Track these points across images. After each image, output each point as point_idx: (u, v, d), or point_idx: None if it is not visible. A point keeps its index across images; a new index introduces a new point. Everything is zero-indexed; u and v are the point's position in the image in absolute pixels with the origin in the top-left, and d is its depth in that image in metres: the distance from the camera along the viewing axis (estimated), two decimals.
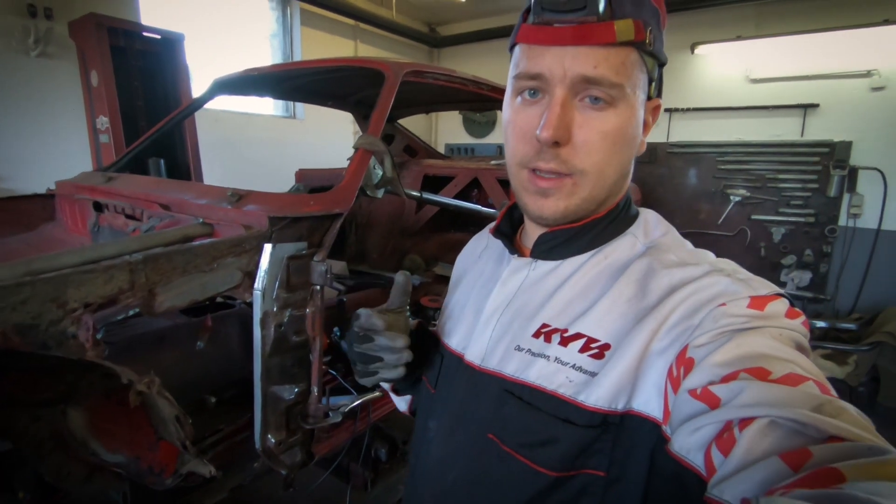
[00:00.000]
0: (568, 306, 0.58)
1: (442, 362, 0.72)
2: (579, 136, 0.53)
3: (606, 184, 0.57)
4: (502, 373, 0.60)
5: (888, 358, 2.91)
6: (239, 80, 2.18)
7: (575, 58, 0.51)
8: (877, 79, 3.81)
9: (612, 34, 0.51)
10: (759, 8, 4.15)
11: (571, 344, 0.55)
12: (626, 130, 0.55)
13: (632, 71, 0.53)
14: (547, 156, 0.54)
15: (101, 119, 2.65)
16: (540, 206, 0.58)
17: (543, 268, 0.63)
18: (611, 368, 0.51)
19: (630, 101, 0.54)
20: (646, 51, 0.54)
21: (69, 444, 1.20)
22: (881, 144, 3.83)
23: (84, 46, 2.67)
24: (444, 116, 6.34)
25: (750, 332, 0.44)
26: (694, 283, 0.51)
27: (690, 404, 0.42)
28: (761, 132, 4.26)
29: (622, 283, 0.56)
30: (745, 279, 0.50)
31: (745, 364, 0.41)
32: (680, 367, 0.46)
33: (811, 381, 0.39)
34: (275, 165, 4.33)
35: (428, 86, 1.89)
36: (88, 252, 1.01)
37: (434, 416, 0.70)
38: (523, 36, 0.56)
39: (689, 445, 0.41)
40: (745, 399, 0.38)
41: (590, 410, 0.52)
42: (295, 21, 4.64)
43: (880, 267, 3.91)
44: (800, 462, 0.32)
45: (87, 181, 1.77)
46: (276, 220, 1.19)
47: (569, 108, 0.53)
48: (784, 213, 4.11)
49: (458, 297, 0.77)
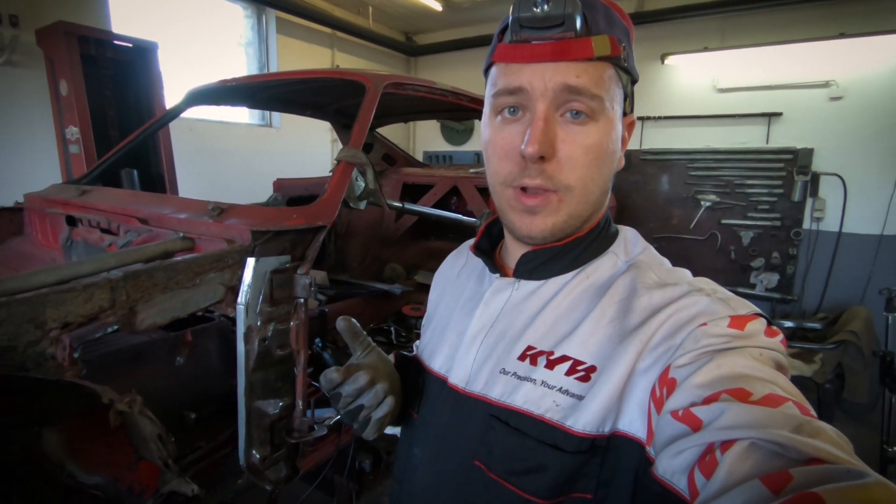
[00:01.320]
0: (553, 328, 0.58)
1: (424, 385, 0.70)
2: (563, 151, 0.54)
3: (591, 199, 0.57)
4: (488, 397, 0.58)
5: (852, 356, 3.04)
6: (215, 91, 2.15)
7: (556, 71, 0.52)
8: (835, 89, 4.00)
9: (589, 49, 0.52)
10: (723, 21, 4.32)
11: (558, 367, 0.54)
12: (607, 145, 0.55)
13: (609, 85, 0.54)
14: (532, 172, 0.54)
15: (71, 129, 2.58)
16: (528, 225, 0.57)
17: (526, 288, 0.62)
18: (597, 391, 0.51)
19: (609, 116, 0.55)
20: (621, 66, 0.55)
21: (44, 467, 1.16)
22: (840, 151, 4.02)
23: (53, 55, 2.60)
24: (421, 124, 6.37)
25: (730, 353, 0.45)
26: (675, 304, 0.51)
27: (673, 426, 0.42)
28: (729, 139, 4.42)
29: (605, 303, 0.56)
30: (724, 298, 0.50)
31: (725, 385, 0.41)
32: (663, 388, 0.47)
33: (790, 402, 0.39)
34: (252, 175, 4.28)
35: (408, 97, 1.91)
36: (65, 270, 0.98)
37: (418, 442, 0.68)
38: (501, 55, 0.56)
39: (673, 468, 0.42)
40: (726, 421, 0.38)
41: (578, 436, 0.51)
42: (270, 29, 4.61)
43: (842, 268, 4.09)
44: (780, 485, 0.32)
45: (59, 194, 1.72)
46: (259, 234, 1.19)
47: (552, 122, 0.53)
48: (752, 217, 4.26)
49: (439, 318, 0.75)
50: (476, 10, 5.11)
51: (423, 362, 0.73)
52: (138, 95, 2.94)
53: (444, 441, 0.63)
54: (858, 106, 3.94)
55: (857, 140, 3.96)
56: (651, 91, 4.71)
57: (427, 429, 0.66)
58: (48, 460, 1.16)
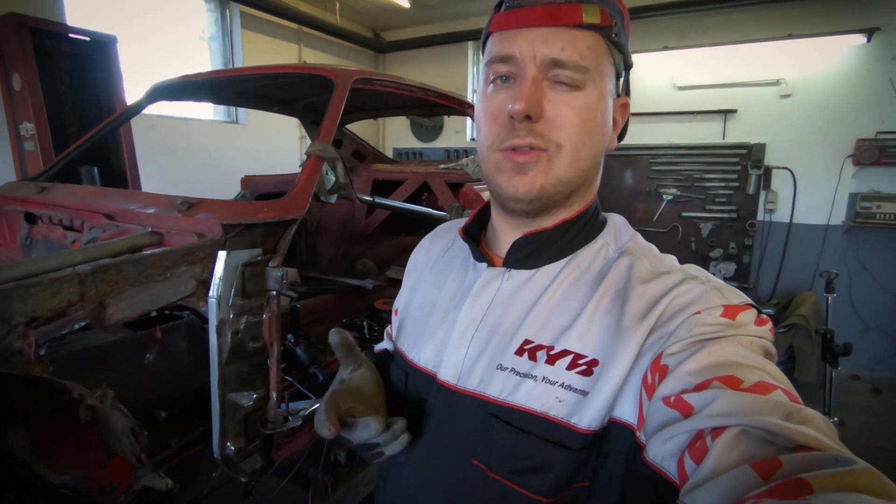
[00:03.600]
0: (549, 320, 0.56)
1: (408, 381, 0.67)
2: (550, 111, 0.53)
3: (581, 165, 0.56)
4: (485, 394, 0.56)
5: (801, 338, 3.23)
6: (180, 86, 2.12)
7: (544, 41, 0.53)
8: (784, 87, 4.21)
9: (579, 16, 0.52)
10: (682, 21, 4.49)
11: (559, 362, 0.53)
12: (594, 113, 0.55)
13: (598, 57, 0.54)
14: (521, 131, 0.54)
15: (26, 125, 2.49)
16: (515, 184, 0.55)
17: (518, 278, 0.60)
18: (602, 387, 0.51)
19: (597, 86, 0.55)
20: (611, 39, 0.55)
21: (10, 468, 1.14)
22: (790, 146, 4.24)
23: (4, 48, 2.49)
24: (391, 121, 6.36)
25: (722, 341, 0.45)
26: (671, 293, 0.51)
27: (664, 412, 0.43)
28: (688, 135, 4.59)
29: (600, 293, 0.55)
30: (717, 287, 0.51)
31: (717, 372, 0.42)
32: (654, 374, 0.47)
33: (780, 390, 0.40)
34: (217, 172, 4.20)
35: (376, 92, 1.93)
36: (29, 266, 0.97)
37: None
38: (496, 24, 0.57)
39: (664, 453, 0.42)
40: (717, 408, 0.38)
41: (584, 433, 0.51)
42: (235, 24, 4.51)
43: (793, 256, 4.33)
44: (770, 471, 0.33)
45: (17, 191, 1.67)
46: (230, 228, 1.19)
47: (540, 85, 0.53)
48: (710, 209, 4.46)
49: (419, 306, 0.72)
50: (444, 7, 5.13)
51: (405, 355, 0.69)
52: (97, 90, 2.84)
53: (435, 440, 0.61)
54: (806, 103, 4.16)
55: (805, 135, 4.18)
56: None
57: (414, 426, 0.63)
58: (14, 461, 1.14)
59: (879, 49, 3.85)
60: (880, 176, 3.95)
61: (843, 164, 4.05)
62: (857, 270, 4.06)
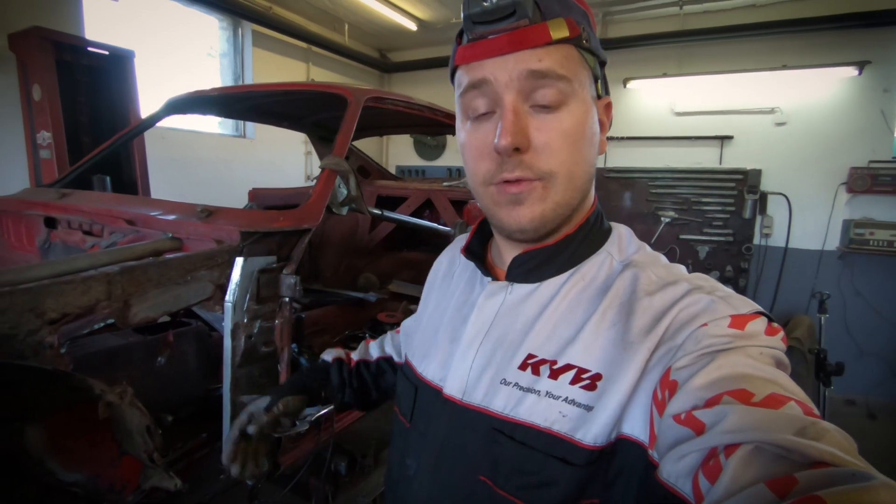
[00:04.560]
0: (552, 334, 0.56)
1: (416, 394, 0.68)
2: (538, 139, 0.52)
3: (577, 185, 0.55)
4: (489, 409, 0.56)
5: (797, 360, 3.26)
6: (194, 100, 2.19)
7: (517, 60, 0.51)
8: (779, 115, 4.34)
9: (546, 34, 0.50)
10: (681, 49, 4.63)
11: (562, 376, 0.53)
12: (583, 128, 0.54)
13: (575, 67, 0.53)
14: (510, 165, 0.53)
15: (43, 134, 2.56)
16: (516, 217, 0.55)
17: (521, 291, 0.60)
18: (607, 401, 0.50)
19: (581, 98, 0.53)
20: (583, 47, 0.54)
21: (24, 463, 1.17)
22: (785, 172, 4.34)
23: (26, 59, 2.58)
24: (395, 139, 6.48)
25: (731, 353, 0.44)
26: (678, 305, 0.50)
27: (676, 430, 0.42)
28: (685, 160, 4.70)
29: (605, 306, 0.54)
30: (724, 297, 0.49)
31: (727, 386, 0.41)
32: (664, 390, 0.46)
33: (793, 402, 0.38)
34: (224, 185, 4.27)
35: (386, 111, 2.00)
36: (60, 265, 1.02)
37: (412, 454, 0.66)
38: (461, 57, 0.55)
39: (677, 472, 0.40)
40: (729, 425, 0.37)
41: (588, 449, 0.50)
42: (246, 42, 4.64)
43: (789, 280, 4.39)
44: (786, 489, 0.32)
45: (38, 196, 1.72)
46: (248, 235, 1.24)
47: (522, 113, 0.52)
48: (707, 232, 4.53)
49: (429, 320, 0.73)
50: (449, 30, 5.29)
51: (415, 368, 0.70)
52: (112, 102, 2.92)
53: (442, 454, 0.61)
54: (801, 131, 4.28)
55: (800, 162, 4.29)
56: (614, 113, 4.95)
57: (422, 440, 0.64)
58: (29, 457, 1.16)
59: (871, 81, 3.98)
60: (873, 203, 4.05)
61: (837, 191, 4.15)
62: (852, 295, 4.12)
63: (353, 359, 0.98)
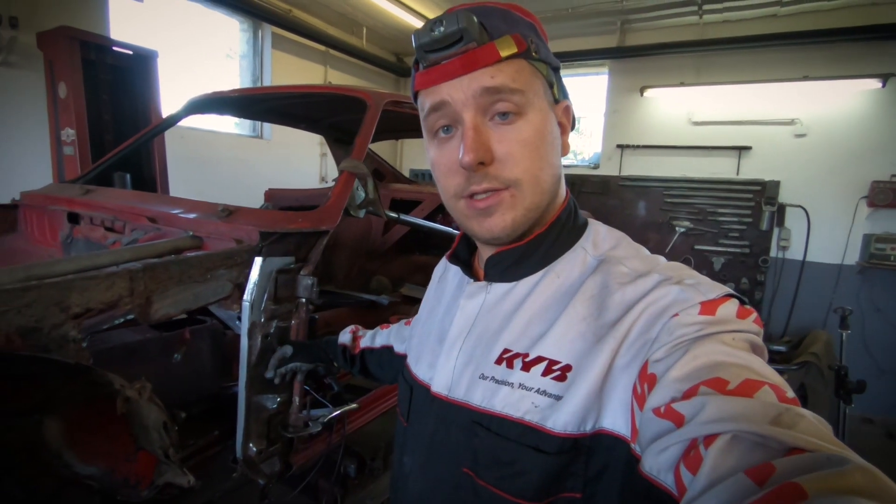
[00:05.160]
0: (526, 329, 0.58)
1: (412, 394, 0.71)
2: (500, 151, 0.55)
3: (544, 188, 0.58)
4: (470, 403, 0.59)
5: (813, 376, 3.20)
6: (215, 100, 2.22)
7: (471, 79, 0.54)
8: (799, 126, 4.28)
9: (495, 53, 0.53)
10: (699, 59, 4.60)
11: (534, 368, 0.55)
12: (543, 134, 0.56)
13: (528, 78, 0.55)
14: (477, 178, 0.55)
15: (68, 131, 2.61)
16: (488, 227, 0.58)
17: (499, 290, 0.63)
18: (575, 391, 0.51)
19: (537, 107, 0.56)
20: (533, 58, 0.56)
21: (42, 455, 1.18)
22: (804, 185, 4.28)
23: (54, 58, 2.64)
24: (409, 142, 6.50)
25: (704, 340, 0.45)
26: (647, 297, 0.51)
27: (656, 423, 0.43)
28: (702, 170, 4.66)
29: (577, 301, 0.56)
30: (693, 284, 0.51)
31: (703, 376, 0.42)
32: (643, 384, 0.47)
33: (767, 386, 0.39)
34: (240, 184, 4.31)
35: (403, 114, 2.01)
36: (84, 260, 1.03)
37: (408, 452, 0.69)
38: (419, 83, 0.58)
39: (659, 465, 0.41)
40: (707, 415, 0.38)
41: (559, 437, 0.51)
42: (266, 44, 4.70)
43: (806, 294, 4.32)
44: (764, 477, 0.33)
45: (62, 192, 1.75)
46: (267, 235, 1.25)
47: (482, 129, 0.55)
48: (723, 244, 4.48)
49: (423, 323, 0.77)
50: None
51: (411, 369, 0.73)
52: (135, 101, 2.98)
53: (431, 450, 0.63)
54: (821, 143, 4.22)
55: (820, 175, 4.23)
56: (630, 121, 4.95)
57: (416, 438, 0.67)
58: (47, 449, 1.18)
59: (894, 94, 3.91)
60: (895, 218, 3.97)
61: (858, 205, 4.08)
62: (871, 312, 4.04)
63: (360, 345, 1.14)
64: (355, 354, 1.13)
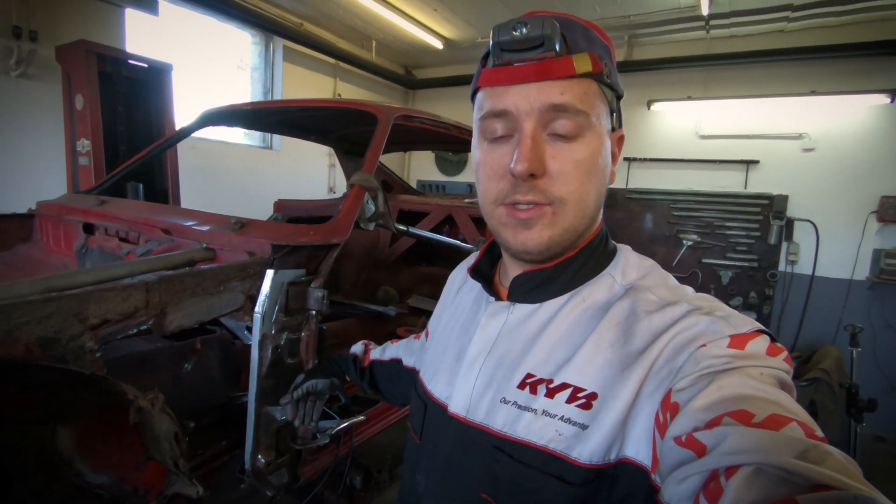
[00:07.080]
0: (551, 354, 0.56)
1: (426, 411, 0.69)
2: (553, 167, 0.54)
3: (587, 213, 0.57)
4: (490, 427, 0.57)
5: (823, 393, 3.17)
6: (228, 113, 2.26)
7: (539, 91, 0.52)
8: (807, 141, 4.27)
9: (571, 67, 0.52)
10: (706, 73, 4.62)
11: (558, 395, 0.53)
12: (597, 159, 0.56)
13: (594, 101, 0.55)
14: (523, 188, 0.54)
15: (83, 142, 2.66)
16: (523, 240, 0.56)
17: (522, 311, 0.61)
18: (602, 420, 0.50)
19: (596, 131, 0.55)
20: (604, 82, 0.56)
21: (54, 463, 1.20)
22: (813, 199, 4.26)
23: (71, 70, 2.70)
24: (416, 153, 6.55)
25: (731, 373, 0.43)
26: (675, 326, 0.50)
27: (677, 452, 0.42)
28: (709, 183, 4.65)
29: (603, 327, 0.55)
30: (724, 316, 0.49)
31: (727, 407, 0.40)
32: (666, 413, 0.46)
33: (795, 423, 0.38)
34: (250, 195, 4.36)
35: (412, 128, 2.04)
36: (102, 272, 1.06)
37: (421, 470, 0.67)
38: (485, 80, 0.57)
39: (679, 495, 0.40)
40: (729, 446, 0.37)
41: (585, 468, 0.50)
42: (277, 57, 4.78)
43: (815, 309, 4.28)
44: None
45: (78, 203, 1.79)
46: (279, 248, 1.27)
47: (539, 140, 0.53)
48: (731, 257, 4.46)
49: (438, 337, 0.75)
50: (474, 49, 5.36)
51: (425, 385, 0.72)
52: (149, 113, 3.03)
53: (448, 471, 0.62)
54: (829, 158, 4.21)
55: (828, 189, 4.21)
56: (637, 134, 4.96)
57: (430, 457, 0.65)
58: (60, 457, 1.19)
59: None
60: None
61: (867, 220, 4.05)
62: (882, 328, 3.99)
63: (370, 357, 1.13)
64: (365, 367, 1.14)
